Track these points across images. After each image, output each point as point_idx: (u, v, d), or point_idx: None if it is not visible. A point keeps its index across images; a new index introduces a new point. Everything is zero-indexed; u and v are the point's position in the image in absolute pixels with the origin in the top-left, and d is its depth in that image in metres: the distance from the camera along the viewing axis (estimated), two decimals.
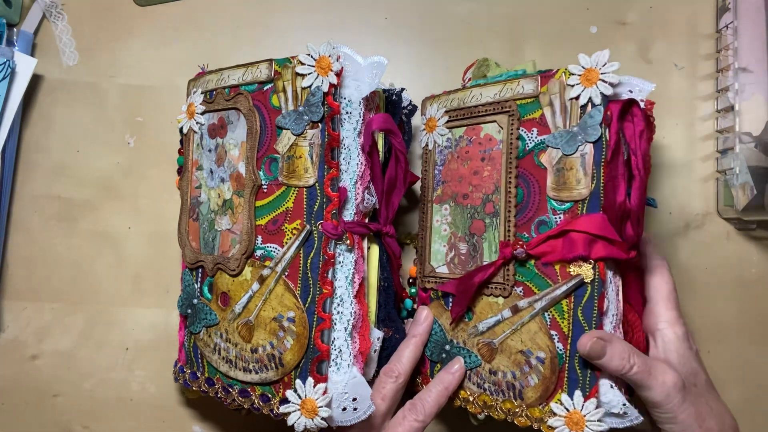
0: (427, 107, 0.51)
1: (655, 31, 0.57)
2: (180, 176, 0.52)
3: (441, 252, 0.48)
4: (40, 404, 0.57)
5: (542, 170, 0.43)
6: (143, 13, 0.61)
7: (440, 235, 0.48)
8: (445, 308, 0.47)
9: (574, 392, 0.40)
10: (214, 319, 0.47)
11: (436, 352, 0.47)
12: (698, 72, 0.57)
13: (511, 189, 0.44)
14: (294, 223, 0.43)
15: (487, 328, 0.44)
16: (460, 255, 0.47)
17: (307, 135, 0.43)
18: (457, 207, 0.47)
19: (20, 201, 0.59)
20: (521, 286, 0.43)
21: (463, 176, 0.47)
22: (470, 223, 0.46)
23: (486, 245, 0.45)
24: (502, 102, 0.45)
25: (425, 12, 0.59)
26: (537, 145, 0.43)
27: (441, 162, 0.49)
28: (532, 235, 0.43)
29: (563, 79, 0.42)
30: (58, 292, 0.58)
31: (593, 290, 0.40)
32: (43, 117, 0.60)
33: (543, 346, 0.41)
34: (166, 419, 0.57)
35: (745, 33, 0.52)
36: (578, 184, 0.41)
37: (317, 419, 0.40)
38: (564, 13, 0.58)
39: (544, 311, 0.41)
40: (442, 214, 0.48)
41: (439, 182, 0.49)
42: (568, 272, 0.41)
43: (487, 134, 0.46)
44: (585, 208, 0.41)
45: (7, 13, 0.58)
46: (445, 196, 0.48)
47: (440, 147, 0.49)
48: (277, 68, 0.45)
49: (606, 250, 0.39)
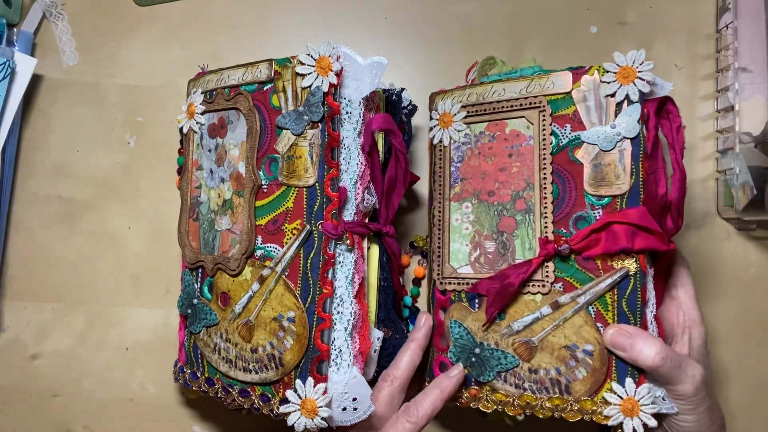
0: (437, 102, 0.50)
1: (655, 31, 0.57)
2: (180, 176, 0.52)
3: (463, 252, 0.47)
4: (40, 404, 0.57)
5: (578, 166, 0.43)
6: (143, 13, 0.61)
7: (461, 234, 0.47)
8: (471, 310, 0.45)
9: (625, 380, 0.40)
10: (214, 319, 0.47)
11: (463, 357, 0.45)
12: (698, 72, 0.57)
13: (547, 185, 0.43)
14: (294, 223, 0.43)
15: (523, 326, 0.43)
16: (487, 254, 0.46)
17: (307, 135, 0.43)
18: (481, 204, 0.46)
19: (20, 201, 0.59)
20: (561, 281, 0.42)
21: (488, 173, 0.46)
22: (498, 220, 0.45)
23: (518, 243, 0.44)
24: (530, 98, 0.45)
25: (425, 12, 0.59)
26: (571, 141, 0.43)
27: (459, 158, 0.48)
28: (570, 230, 0.43)
29: (597, 76, 0.42)
30: (58, 292, 0.58)
31: (636, 282, 0.41)
32: (43, 117, 0.60)
33: (590, 338, 0.41)
34: (166, 419, 0.57)
35: (745, 33, 0.52)
36: (617, 180, 0.42)
37: (317, 419, 0.40)
38: (564, 13, 0.58)
39: (588, 305, 0.42)
40: (463, 212, 0.47)
41: (457, 179, 0.48)
42: (610, 265, 0.41)
43: (514, 130, 0.45)
44: (624, 202, 0.41)
45: (7, 13, 0.58)
46: (465, 194, 0.47)
47: (457, 143, 0.48)
48: (277, 68, 0.45)
49: (648, 241, 0.40)
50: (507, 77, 0.47)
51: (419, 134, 0.57)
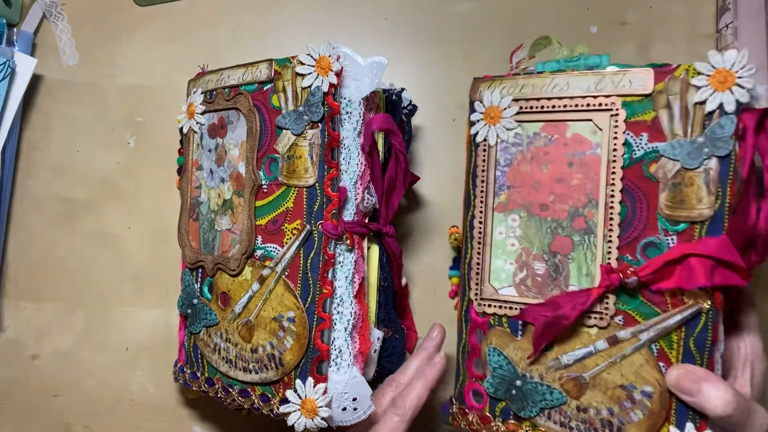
0: (482, 92, 0.42)
1: (655, 31, 0.57)
2: (180, 176, 0.52)
3: (506, 271, 0.41)
4: (40, 404, 0.57)
5: (653, 183, 0.37)
6: (143, 13, 0.61)
7: (505, 250, 0.41)
8: (513, 337, 0.41)
9: (685, 424, 0.36)
10: (214, 319, 0.47)
11: (502, 389, 0.41)
12: None
13: (614, 204, 0.38)
14: (294, 223, 0.43)
15: (573, 360, 0.39)
16: (536, 276, 0.40)
17: (307, 135, 0.43)
18: (532, 219, 0.41)
19: (20, 201, 0.59)
20: (621, 314, 0.37)
21: (541, 182, 0.40)
22: (551, 239, 0.40)
23: (574, 267, 0.39)
24: (600, 97, 0.38)
25: (425, 12, 0.59)
26: (648, 153, 0.37)
27: (506, 162, 0.42)
28: (637, 257, 0.37)
29: (686, 77, 0.36)
30: (58, 292, 0.58)
31: (707, 319, 0.36)
32: (43, 117, 0.60)
33: (651, 379, 0.37)
34: (166, 419, 0.57)
35: (745, 33, 0.52)
36: (699, 203, 0.36)
37: (317, 419, 0.40)
38: (564, 13, 0.58)
39: (651, 342, 0.37)
40: (509, 225, 0.41)
41: (504, 186, 0.42)
42: (680, 300, 0.36)
43: (577, 134, 0.39)
44: (704, 230, 0.36)
45: (7, 13, 0.58)
46: (512, 204, 0.41)
47: (505, 144, 0.42)
48: (277, 68, 0.45)
49: (728, 277, 0.35)
50: (570, 67, 0.41)
51: (419, 134, 0.57)
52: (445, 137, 0.57)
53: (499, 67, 0.57)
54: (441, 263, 0.55)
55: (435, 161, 0.57)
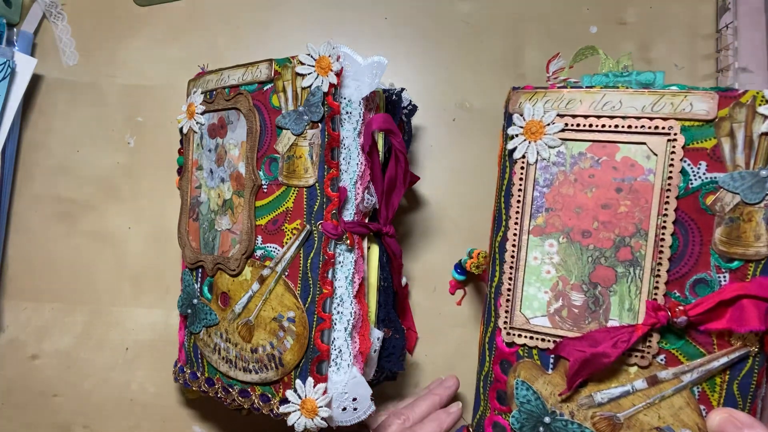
0: (523, 104, 0.40)
1: (655, 31, 0.57)
2: (180, 176, 0.52)
3: (540, 299, 0.39)
4: (40, 404, 0.57)
5: (708, 216, 0.35)
6: (143, 13, 0.61)
7: (539, 277, 0.39)
8: (544, 371, 0.38)
9: None
10: (214, 319, 0.47)
11: (529, 425, 0.38)
12: (698, 72, 0.57)
13: (665, 236, 0.35)
14: (294, 223, 0.43)
15: (608, 399, 0.37)
16: (572, 307, 0.38)
17: (307, 135, 0.43)
18: (572, 245, 0.38)
19: (20, 201, 0.59)
20: (664, 353, 0.36)
21: (585, 207, 0.38)
22: (592, 268, 0.37)
23: (615, 300, 0.37)
24: (657, 119, 0.36)
25: (425, 12, 0.59)
26: (705, 183, 0.35)
27: (546, 182, 0.39)
28: (685, 294, 0.35)
29: (753, 104, 0.34)
30: (58, 292, 0.58)
31: (754, 363, 0.34)
32: (43, 117, 0.60)
33: (690, 423, 0.35)
34: (166, 419, 0.57)
35: (745, 33, 0.52)
36: (757, 241, 0.34)
37: (317, 419, 0.40)
38: (564, 13, 0.58)
39: (693, 385, 0.35)
40: (545, 251, 0.39)
41: (542, 208, 0.39)
42: (728, 341, 0.35)
43: (627, 158, 0.37)
44: (759, 269, 0.34)
45: (7, 13, 0.58)
46: (550, 228, 0.39)
47: (546, 162, 0.39)
48: (277, 68, 0.45)
49: None
50: (621, 83, 0.38)
51: (419, 134, 0.57)
52: (445, 137, 0.57)
53: (499, 67, 0.57)
54: (441, 263, 0.55)
55: (435, 161, 0.57)
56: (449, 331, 0.55)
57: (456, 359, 0.54)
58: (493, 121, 0.57)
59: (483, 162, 0.56)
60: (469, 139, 0.57)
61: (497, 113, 0.57)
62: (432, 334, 0.55)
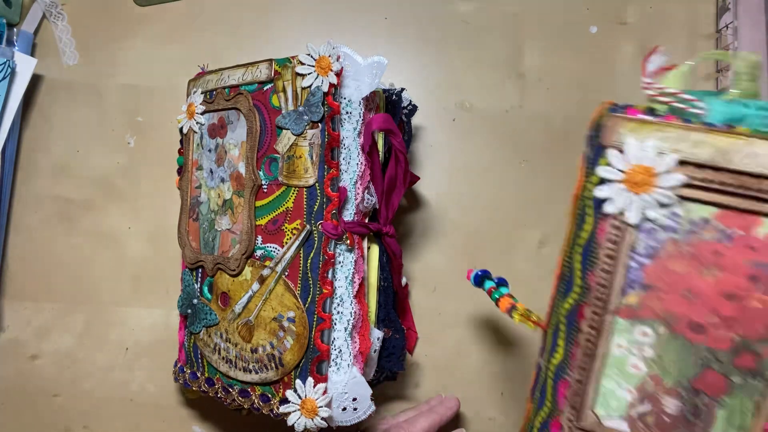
0: (624, 137, 0.30)
1: (655, 31, 0.57)
2: (180, 176, 0.52)
3: (620, 398, 0.31)
4: (40, 404, 0.57)
5: None
6: (143, 13, 0.61)
7: (623, 370, 0.31)
8: None
9: None
10: (214, 319, 0.47)
11: None
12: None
13: None
14: (294, 223, 0.43)
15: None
16: (663, 414, 0.30)
17: (307, 135, 0.43)
18: (674, 339, 0.30)
19: (20, 201, 0.59)
20: None
21: (700, 293, 0.29)
22: (697, 372, 0.30)
23: (722, 415, 0.29)
24: None
25: (425, 12, 0.59)
26: None
27: (648, 251, 0.30)
28: None
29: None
30: (58, 292, 0.58)
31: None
32: (43, 117, 0.60)
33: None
34: (166, 419, 0.57)
35: (745, 33, 0.52)
36: None
37: (317, 419, 0.40)
38: (564, 13, 0.58)
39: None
40: (635, 339, 0.31)
41: (637, 284, 0.30)
42: None
43: None
44: None
45: (7, 13, 0.58)
46: (646, 312, 0.30)
47: (652, 226, 0.30)
48: (277, 68, 0.45)
49: None
50: None
51: (419, 134, 0.57)
52: (445, 137, 0.57)
53: (499, 67, 0.57)
54: (441, 263, 0.55)
55: (435, 161, 0.57)
56: (449, 331, 0.55)
57: (456, 359, 0.54)
58: (494, 121, 0.57)
59: (483, 162, 0.56)
60: (469, 139, 0.57)
61: (497, 113, 0.57)
62: (432, 334, 0.55)
